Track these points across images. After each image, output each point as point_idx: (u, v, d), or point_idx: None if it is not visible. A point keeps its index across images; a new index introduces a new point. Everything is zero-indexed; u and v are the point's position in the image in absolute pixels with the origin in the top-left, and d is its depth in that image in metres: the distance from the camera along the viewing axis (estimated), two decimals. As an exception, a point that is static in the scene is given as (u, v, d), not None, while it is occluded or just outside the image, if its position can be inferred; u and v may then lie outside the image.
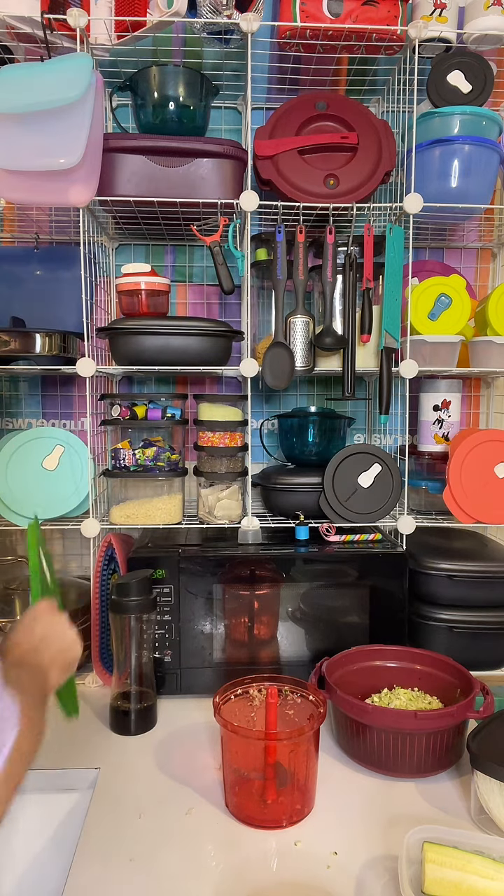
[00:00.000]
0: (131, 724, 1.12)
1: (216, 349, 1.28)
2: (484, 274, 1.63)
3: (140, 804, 0.93)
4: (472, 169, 1.28)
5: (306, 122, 1.28)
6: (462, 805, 0.93)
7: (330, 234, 1.26)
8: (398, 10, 1.24)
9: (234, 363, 1.33)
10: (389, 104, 1.42)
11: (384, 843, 0.85)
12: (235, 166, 1.26)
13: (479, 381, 1.65)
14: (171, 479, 1.32)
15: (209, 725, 1.12)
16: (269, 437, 1.61)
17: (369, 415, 1.62)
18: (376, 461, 1.31)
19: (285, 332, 1.29)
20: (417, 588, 1.30)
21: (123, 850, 0.84)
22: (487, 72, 1.27)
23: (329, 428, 1.46)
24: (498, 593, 1.30)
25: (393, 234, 1.28)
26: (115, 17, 1.23)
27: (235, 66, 1.35)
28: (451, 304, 1.31)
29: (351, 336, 1.29)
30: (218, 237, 1.28)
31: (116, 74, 1.37)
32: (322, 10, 1.23)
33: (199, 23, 1.21)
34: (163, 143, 1.23)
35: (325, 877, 0.79)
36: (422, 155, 1.28)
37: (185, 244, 1.56)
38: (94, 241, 1.36)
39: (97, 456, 1.35)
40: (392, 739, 0.97)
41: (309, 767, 0.92)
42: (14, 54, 1.31)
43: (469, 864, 0.73)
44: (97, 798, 0.94)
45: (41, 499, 1.29)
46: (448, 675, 1.11)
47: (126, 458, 1.29)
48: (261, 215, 1.41)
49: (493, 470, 1.30)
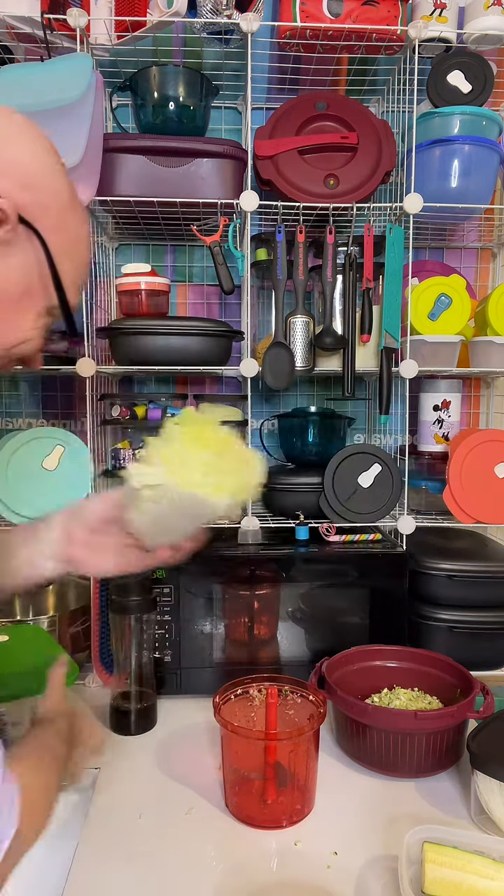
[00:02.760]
0: (131, 724, 1.12)
1: (216, 349, 1.28)
2: (484, 274, 1.63)
3: (140, 804, 0.93)
4: (472, 169, 1.28)
5: (306, 122, 1.28)
6: (462, 805, 0.93)
7: (330, 234, 1.26)
8: (398, 10, 1.24)
9: (234, 363, 1.33)
10: (389, 104, 1.42)
11: (384, 843, 0.85)
12: (235, 166, 1.26)
13: (479, 381, 1.65)
14: (171, 479, 1.32)
15: (209, 725, 1.12)
16: (269, 437, 1.60)
17: (369, 415, 1.62)
18: (376, 461, 1.31)
19: (285, 332, 1.29)
20: (417, 588, 1.30)
21: (123, 851, 0.84)
22: (487, 72, 1.27)
23: (329, 428, 1.46)
24: (498, 593, 1.30)
25: (393, 234, 1.28)
26: (115, 17, 1.23)
27: (235, 66, 1.35)
28: (451, 304, 1.31)
29: (351, 336, 1.29)
30: (218, 237, 1.28)
31: (116, 74, 1.37)
32: (322, 10, 1.23)
33: (199, 23, 1.21)
34: (163, 143, 1.23)
35: (325, 877, 0.79)
36: (422, 155, 1.27)
37: (185, 244, 1.56)
38: (95, 241, 1.36)
39: (97, 456, 1.35)
40: (392, 739, 0.97)
41: (309, 767, 0.92)
42: (14, 54, 1.31)
43: (469, 864, 0.73)
44: (97, 798, 0.94)
45: (41, 499, 1.29)
46: (448, 675, 1.11)
47: (126, 458, 1.29)
48: (261, 215, 1.41)
49: (493, 470, 1.30)
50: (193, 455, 0.71)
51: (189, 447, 0.72)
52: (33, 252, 0.62)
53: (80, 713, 0.86)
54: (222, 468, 0.72)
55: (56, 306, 0.65)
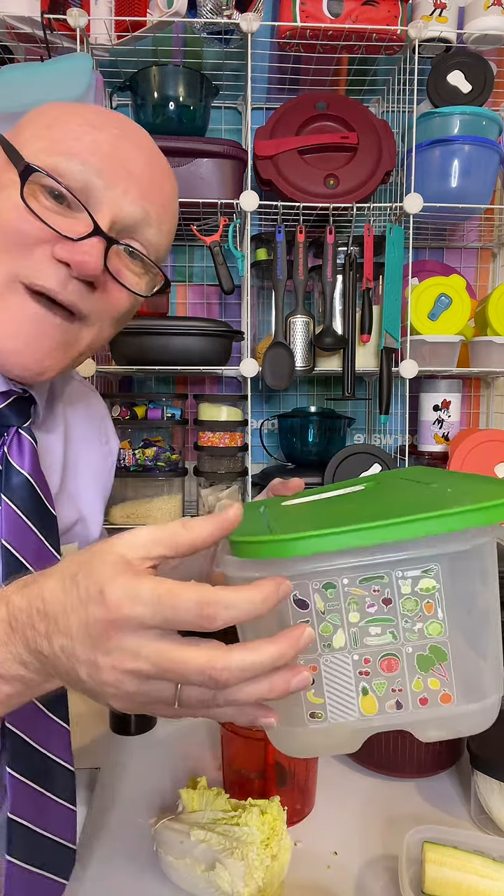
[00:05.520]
0: (131, 724, 1.12)
1: (216, 349, 1.28)
2: (484, 274, 1.63)
3: (140, 804, 0.93)
4: (472, 169, 1.28)
5: (306, 123, 1.28)
6: (462, 805, 0.93)
7: (330, 234, 1.26)
8: (398, 10, 1.24)
9: (234, 363, 1.33)
10: (389, 104, 1.42)
11: (384, 843, 0.85)
12: (235, 166, 1.26)
13: (479, 381, 1.65)
14: (171, 479, 1.32)
15: (209, 725, 1.12)
16: (269, 437, 1.60)
17: (369, 415, 1.62)
18: (376, 461, 1.30)
19: (285, 332, 1.29)
20: (417, 588, 1.29)
21: (123, 851, 0.84)
22: (487, 72, 1.27)
23: (329, 428, 1.46)
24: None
25: (393, 234, 1.28)
26: (115, 17, 1.23)
27: (235, 66, 1.35)
28: (451, 304, 1.31)
29: (351, 336, 1.29)
30: (218, 237, 1.28)
31: (116, 74, 1.37)
32: (322, 10, 1.23)
33: (199, 23, 1.21)
34: (163, 143, 1.21)
35: (325, 877, 0.79)
36: (422, 155, 1.27)
37: (185, 244, 1.56)
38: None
39: (97, 456, 1.35)
40: (392, 739, 0.97)
41: (309, 767, 0.92)
42: (14, 54, 1.31)
43: (469, 864, 0.73)
44: (97, 798, 0.94)
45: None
46: (448, 675, 1.11)
47: (126, 458, 1.29)
48: (261, 215, 1.41)
49: (493, 470, 1.30)
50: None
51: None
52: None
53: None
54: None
55: (35, 183, 0.57)
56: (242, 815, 0.76)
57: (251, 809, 0.77)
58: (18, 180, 0.57)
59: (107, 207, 0.59)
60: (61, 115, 0.62)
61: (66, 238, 0.57)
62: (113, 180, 0.60)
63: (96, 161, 0.59)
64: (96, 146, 0.60)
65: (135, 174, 0.62)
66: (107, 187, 0.59)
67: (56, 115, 0.62)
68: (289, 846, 0.75)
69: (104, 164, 0.59)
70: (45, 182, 0.58)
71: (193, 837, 0.73)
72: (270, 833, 0.74)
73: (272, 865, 0.71)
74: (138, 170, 0.62)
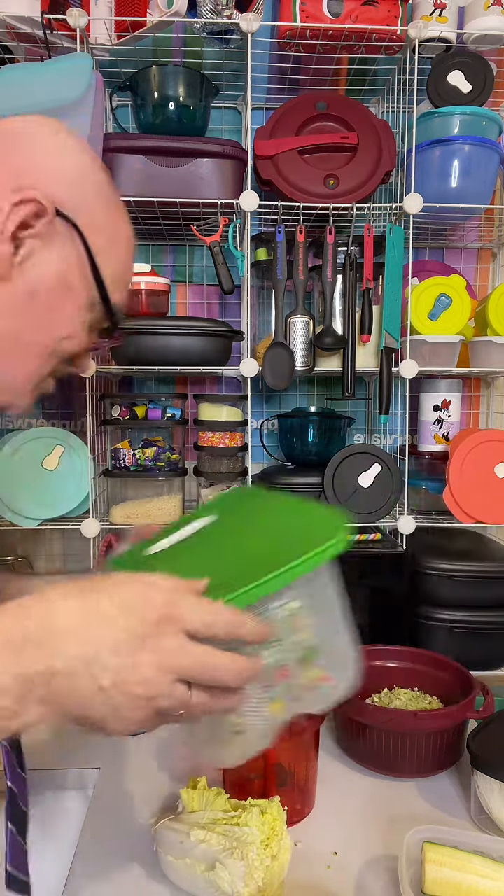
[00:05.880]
0: (131, 724, 1.12)
1: (216, 349, 1.28)
2: (484, 274, 1.63)
3: (140, 804, 0.93)
4: (472, 169, 1.28)
5: (306, 122, 1.28)
6: (462, 805, 0.93)
7: (330, 234, 1.26)
8: (398, 10, 1.24)
9: (234, 363, 1.33)
10: (389, 104, 1.42)
11: (384, 843, 0.85)
12: (235, 166, 1.26)
13: (479, 381, 1.65)
14: (171, 479, 1.32)
15: (209, 725, 1.12)
16: (269, 437, 1.61)
17: (369, 415, 1.62)
18: (376, 461, 1.31)
19: (285, 332, 1.29)
20: (417, 588, 1.30)
21: (123, 851, 0.84)
22: (487, 72, 1.27)
23: (329, 428, 1.46)
24: (498, 593, 1.30)
25: (393, 234, 1.28)
26: (115, 17, 1.23)
27: (235, 66, 1.35)
28: (451, 304, 1.31)
29: (351, 336, 1.29)
30: (218, 237, 1.28)
31: (116, 74, 1.37)
32: (322, 10, 1.23)
33: (199, 23, 1.21)
34: (163, 143, 1.23)
35: (325, 877, 0.79)
36: (422, 155, 1.27)
37: (185, 244, 1.56)
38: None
39: (97, 456, 1.35)
40: (392, 739, 0.97)
41: (309, 767, 0.92)
42: (14, 54, 1.31)
43: (469, 864, 0.73)
44: (97, 798, 0.94)
45: (41, 499, 1.29)
46: (448, 675, 1.11)
47: (126, 458, 1.29)
48: (261, 215, 1.41)
49: (493, 470, 1.30)
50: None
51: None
52: (73, 247, 0.62)
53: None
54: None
55: (99, 302, 0.65)
56: (242, 815, 0.76)
57: (251, 809, 0.77)
58: (94, 311, 0.65)
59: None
60: (116, 224, 0.66)
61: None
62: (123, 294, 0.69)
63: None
64: (130, 271, 0.70)
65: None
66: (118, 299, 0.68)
67: (114, 222, 0.66)
68: (289, 846, 0.75)
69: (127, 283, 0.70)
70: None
71: (193, 837, 0.73)
72: (270, 833, 0.74)
73: (272, 865, 0.71)
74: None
